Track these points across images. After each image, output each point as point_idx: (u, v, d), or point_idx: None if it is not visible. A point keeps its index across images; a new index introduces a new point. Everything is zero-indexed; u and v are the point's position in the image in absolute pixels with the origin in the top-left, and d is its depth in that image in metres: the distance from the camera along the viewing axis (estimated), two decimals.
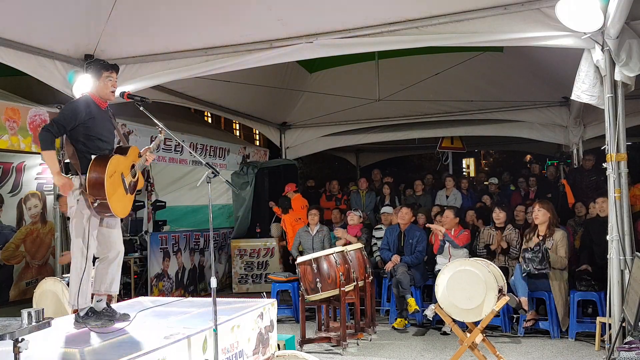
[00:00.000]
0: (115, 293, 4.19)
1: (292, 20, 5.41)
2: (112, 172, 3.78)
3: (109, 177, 3.73)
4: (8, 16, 4.94)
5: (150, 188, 9.01)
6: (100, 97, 4.00)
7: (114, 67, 4.07)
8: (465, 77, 8.44)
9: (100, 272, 4.06)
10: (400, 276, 6.44)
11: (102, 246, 4.03)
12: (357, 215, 7.68)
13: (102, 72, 3.98)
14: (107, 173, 3.72)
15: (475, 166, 25.73)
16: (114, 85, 4.04)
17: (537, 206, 6.12)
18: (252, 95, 8.65)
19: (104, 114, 4.03)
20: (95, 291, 4.05)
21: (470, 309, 4.56)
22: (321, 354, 5.55)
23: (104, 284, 4.06)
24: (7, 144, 5.64)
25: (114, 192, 3.80)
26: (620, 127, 4.66)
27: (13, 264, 8.03)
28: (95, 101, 3.98)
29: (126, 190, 3.95)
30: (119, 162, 3.89)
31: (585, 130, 8.81)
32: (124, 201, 3.95)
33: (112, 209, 3.79)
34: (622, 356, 3.42)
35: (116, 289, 4.14)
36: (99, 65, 4.04)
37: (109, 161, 3.77)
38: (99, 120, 3.94)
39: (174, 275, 8.37)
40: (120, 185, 3.89)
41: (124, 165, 3.95)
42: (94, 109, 3.93)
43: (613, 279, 4.64)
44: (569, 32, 4.67)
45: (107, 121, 4.05)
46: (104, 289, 4.06)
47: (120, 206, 3.89)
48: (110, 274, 4.07)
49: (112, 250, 4.06)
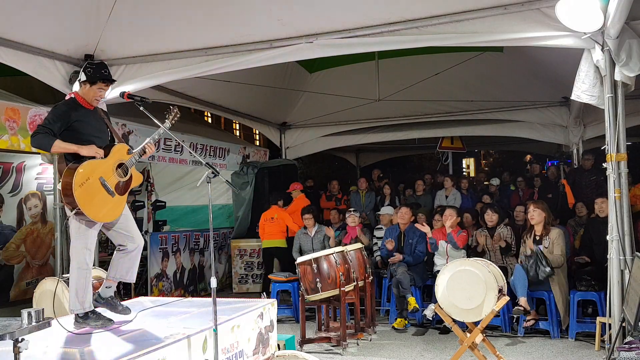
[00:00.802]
0: (131, 281, 4.20)
1: (292, 20, 5.41)
2: (83, 179, 3.65)
3: (79, 186, 3.61)
4: (8, 16, 4.94)
5: (150, 188, 9.01)
6: (86, 101, 3.95)
7: (112, 81, 4.03)
8: (465, 77, 8.43)
9: (116, 260, 4.06)
10: (400, 276, 6.44)
11: (121, 240, 4.04)
12: (356, 216, 7.67)
13: (99, 82, 3.91)
14: (76, 182, 3.60)
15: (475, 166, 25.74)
16: (102, 97, 4.01)
17: (532, 207, 6.13)
18: (252, 95, 8.64)
19: (92, 113, 3.96)
20: (110, 277, 4.08)
21: (470, 309, 4.56)
22: (321, 354, 5.55)
23: (118, 271, 4.06)
24: (7, 144, 5.63)
25: (92, 198, 3.67)
26: (620, 127, 4.66)
27: (14, 264, 8.02)
28: (81, 103, 3.93)
29: (110, 193, 3.80)
30: (95, 166, 3.75)
31: (585, 130, 8.82)
32: (109, 205, 3.81)
33: (91, 216, 3.69)
34: (622, 356, 3.42)
35: (133, 277, 4.15)
36: (99, 75, 3.93)
37: (77, 170, 3.64)
38: (87, 122, 3.89)
39: (172, 276, 8.37)
40: (100, 190, 3.74)
41: (104, 167, 3.81)
42: (80, 110, 3.88)
43: (613, 279, 4.64)
44: (569, 32, 4.66)
45: (97, 120, 3.99)
46: (119, 276, 4.07)
47: (103, 211, 3.76)
48: (128, 261, 4.08)
49: (131, 243, 4.05)
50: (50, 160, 6.65)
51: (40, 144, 3.74)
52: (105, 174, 3.81)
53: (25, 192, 8.25)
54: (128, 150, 4.01)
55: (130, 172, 4.00)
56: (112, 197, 3.82)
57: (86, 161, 3.73)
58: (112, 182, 3.85)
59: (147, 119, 4.08)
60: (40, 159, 7.48)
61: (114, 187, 3.85)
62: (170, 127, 4.18)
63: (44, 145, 3.73)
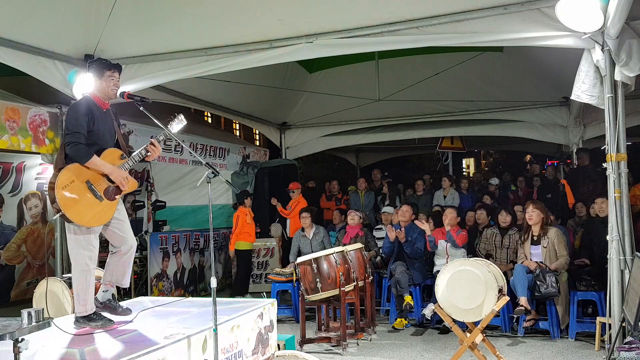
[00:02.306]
0: (125, 285, 4.17)
1: (292, 20, 5.41)
2: (67, 181, 3.61)
3: (62, 188, 3.58)
4: (8, 16, 4.94)
5: (150, 188, 9.01)
6: (102, 96, 3.94)
7: (116, 66, 4.01)
8: (465, 77, 8.44)
9: (111, 264, 4.04)
10: (399, 276, 6.44)
11: (114, 241, 4.01)
12: (357, 216, 7.67)
13: (105, 71, 3.91)
14: (59, 184, 3.57)
15: (476, 166, 25.72)
16: (117, 85, 3.98)
17: (531, 207, 6.12)
18: (252, 95, 8.65)
19: (105, 115, 3.96)
20: (105, 281, 4.05)
21: (470, 309, 4.56)
22: (321, 354, 5.55)
23: (114, 275, 4.04)
24: (7, 144, 5.63)
25: (76, 201, 3.63)
26: (620, 127, 4.66)
27: (15, 264, 8.04)
28: (96, 102, 3.92)
29: (98, 197, 3.74)
30: (82, 170, 3.70)
31: (585, 130, 8.83)
32: (97, 209, 3.74)
33: (74, 220, 3.62)
34: (622, 356, 3.42)
35: (127, 282, 4.13)
36: (101, 65, 3.97)
37: (61, 171, 3.62)
38: (101, 123, 3.89)
39: (173, 276, 8.37)
40: (85, 193, 3.69)
41: (92, 171, 3.75)
42: (95, 111, 3.88)
43: (613, 279, 4.64)
44: (569, 32, 4.67)
45: (108, 123, 3.99)
46: (114, 280, 4.05)
47: (89, 215, 3.69)
48: (122, 266, 4.05)
49: (124, 244, 4.03)
50: (50, 160, 6.64)
51: (80, 157, 3.69)
52: (92, 177, 3.75)
53: (25, 192, 8.26)
54: (121, 155, 3.95)
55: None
56: (99, 201, 3.76)
57: (70, 164, 3.69)
58: (101, 187, 3.78)
59: (147, 119, 4.08)
60: (40, 159, 7.48)
61: (103, 192, 3.78)
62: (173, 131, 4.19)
63: (82, 157, 3.69)
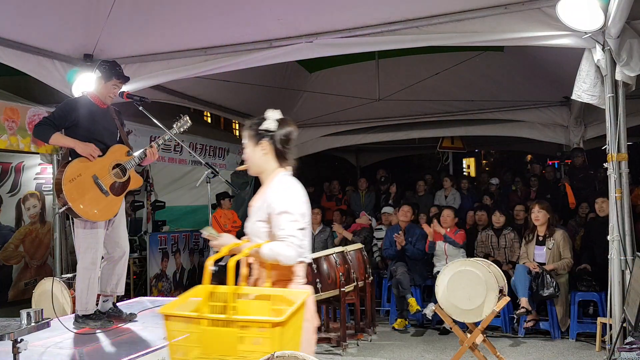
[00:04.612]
0: (120, 293, 4.14)
1: (292, 19, 5.40)
2: (74, 174, 3.64)
3: (69, 181, 3.61)
4: (8, 16, 4.93)
5: (150, 188, 8.99)
6: (100, 99, 3.97)
7: (126, 78, 4.03)
8: (465, 77, 8.42)
9: (106, 272, 4.01)
10: (400, 276, 6.43)
11: (107, 246, 3.98)
12: (366, 217, 7.92)
13: (114, 78, 3.92)
14: (66, 177, 3.60)
15: (476, 166, 25.70)
16: (115, 95, 4.01)
17: (537, 207, 6.10)
18: (252, 95, 8.62)
19: (104, 113, 3.97)
20: (102, 292, 4.02)
21: (470, 310, 4.55)
22: (321, 354, 5.54)
23: (109, 284, 4.02)
24: (6, 144, 5.62)
25: (81, 195, 3.65)
26: (621, 127, 4.65)
27: (12, 264, 8.01)
28: (94, 101, 3.94)
29: (104, 192, 3.78)
30: (89, 164, 3.74)
31: (586, 130, 8.81)
32: (102, 204, 3.77)
33: (79, 213, 3.65)
34: (622, 357, 3.41)
35: (122, 289, 4.11)
36: (113, 71, 3.95)
37: (69, 164, 3.65)
38: (98, 121, 3.90)
39: (172, 276, 8.35)
40: (92, 187, 3.72)
41: (99, 166, 3.80)
42: (92, 109, 3.88)
43: (614, 279, 4.62)
44: (570, 31, 4.65)
45: (108, 121, 3.99)
46: (110, 290, 4.02)
47: (95, 209, 3.72)
48: (117, 274, 4.03)
49: (117, 249, 4.01)
50: (49, 160, 6.63)
51: (39, 135, 3.77)
52: (99, 172, 3.79)
53: (24, 192, 8.23)
54: (127, 151, 3.98)
55: (129, 174, 3.97)
56: (105, 196, 3.79)
57: (80, 157, 3.72)
58: (107, 182, 3.81)
59: (147, 119, 4.07)
60: (40, 159, 7.46)
61: (109, 186, 3.81)
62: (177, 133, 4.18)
63: (43, 136, 3.76)
